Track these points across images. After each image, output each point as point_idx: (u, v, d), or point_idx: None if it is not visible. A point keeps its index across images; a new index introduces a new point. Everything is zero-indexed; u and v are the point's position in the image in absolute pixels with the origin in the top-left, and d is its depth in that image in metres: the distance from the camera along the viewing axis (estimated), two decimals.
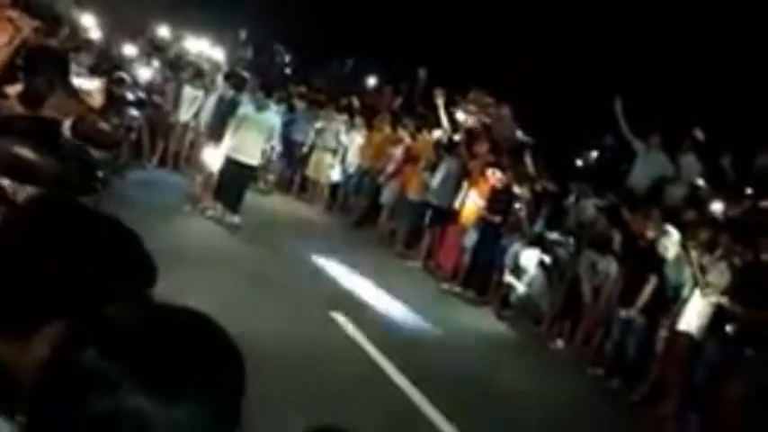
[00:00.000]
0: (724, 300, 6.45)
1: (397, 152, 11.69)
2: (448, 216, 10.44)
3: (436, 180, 10.51)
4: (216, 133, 10.16)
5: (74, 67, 8.61)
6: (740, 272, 6.44)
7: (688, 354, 6.70)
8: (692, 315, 6.74)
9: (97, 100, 9.20)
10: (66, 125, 2.99)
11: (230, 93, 10.39)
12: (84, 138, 3.03)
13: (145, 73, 12.01)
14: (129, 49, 12.30)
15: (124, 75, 10.18)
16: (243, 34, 16.15)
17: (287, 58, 16.51)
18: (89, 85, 8.63)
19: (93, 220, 1.08)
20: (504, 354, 7.69)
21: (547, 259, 8.64)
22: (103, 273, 1.04)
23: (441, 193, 10.44)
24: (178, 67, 12.94)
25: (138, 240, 1.07)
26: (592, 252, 8.04)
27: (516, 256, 8.96)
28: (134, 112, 11.38)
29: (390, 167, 11.72)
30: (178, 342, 0.82)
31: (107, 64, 11.43)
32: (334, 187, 13.03)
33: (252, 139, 9.81)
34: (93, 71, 10.03)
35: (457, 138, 11.05)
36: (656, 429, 6.54)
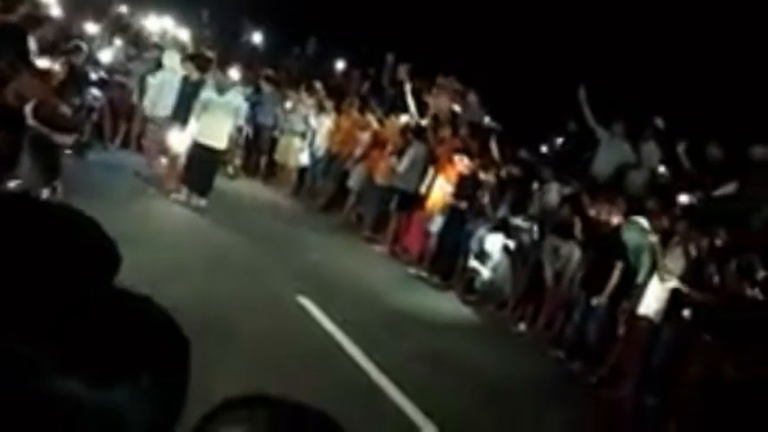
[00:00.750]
0: (681, 285, 6.64)
1: (365, 137, 11.69)
2: (414, 201, 10.51)
3: (403, 165, 10.55)
4: (181, 116, 10.02)
5: (32, 45, 8.44)
6: (695, 258, 6.63)
7: (646, 337, 6.89)
8: (651, 299, 6.92)
9: (58, 78, 9.02)
10: (28, 109, 2.95)
11: (195, 75, 10.24)
12: (44, 122, 2.98)
13: (106, 54, 11.76)
14: (92, 28, 12.01)
15: (81, 43, 9.94)
16: (205, 15, 15.87)
17: (255, 38, 16.25)
18: (49, 63, 8.45)
19: (45, 211, 1.04)
20: (468, 336, 7.80)
21: (511, 244, 8.77)
22: (58, 266, 1.01)
23: (407, 178, 10.49)
24: (143, 47, 12.71)
25: (96, 229, 1.04)
26: (554, 237, 8.19)
27: (481, 241, 9.07)
28: (96, 92, 11.17)
29: (358, 152, 11.72)
30: (115, 324, 0.80)
31: (67, 42, 11.18)
32: (302, 171, 12.98)
33: (217, 122, 9.74)
34: (53, 49, 9.81)
35: (424, 123, 11.09)
36: (614, 410, 6.71)
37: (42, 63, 8.16)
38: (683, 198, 8.15)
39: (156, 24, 14.25)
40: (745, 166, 8.11)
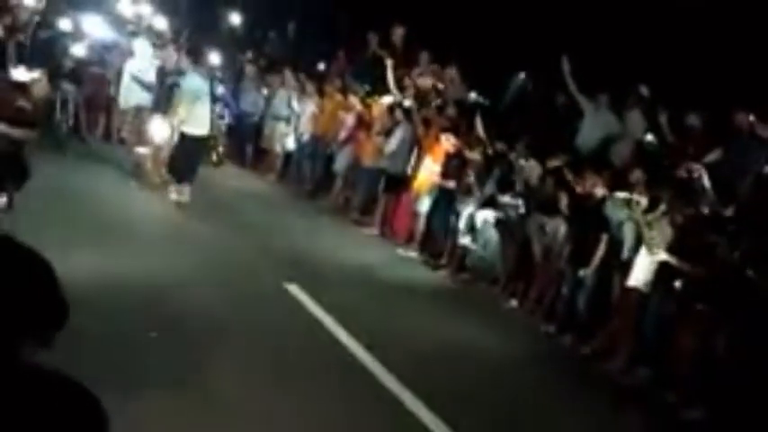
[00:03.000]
0: (669, 256, 6.60)
1: (349, 119, 11.56)
2: (402, 182, 10.42)
3: (391, 146, 10.44)
4: (159, 106, 9.86)
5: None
6: (681, 227, 6.59)
7: (637, 309, 6.87)
8: (640, 271, 6.89)
9: (44, 88, 8.86)
10: None
11: (173, 64, 10.03)
12: (4, 118, 2.88)
13: (79, 48, 11.53)
14: (65, 23, 11.78)
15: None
16: (183, 1, 15.62)
17: (234, 21, 16.01)
18: (30, 75, 8.29)
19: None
20: (460, 315, 7.77)
21: (501, 218, 8.71)
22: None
23: (395, 159, 10.39)
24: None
25: (48, 278, 0.97)
26: (539, 215, 8.15)
27: (471, 219, 9.01)
28: (68, 86, 11.03)
29: (342, 134, 11.60)
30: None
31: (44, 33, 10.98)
32: (288, 156, 12.86)
33: (204, 109, 9.62)
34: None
35: (408, 103, 10.96)
36: (606, 382, 6.70)
37: (22, 75, 7.98)
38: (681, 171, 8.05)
39: (130, 11, 13.99)
40: (727, 133, 8.07)
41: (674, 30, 10.48)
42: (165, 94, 9.79)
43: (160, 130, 9.82)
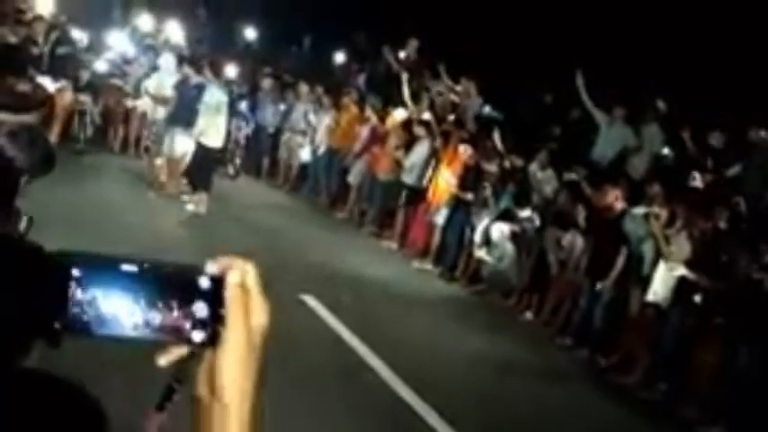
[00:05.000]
0: (688, 272, 6.55)
1: (364, 132, 11.60)
2: (419, 195, 10.42)
3: (411, 160, 10.44)
4: (182, 119, 9.96)
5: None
6: (699, 241, 6.55)
7: (655, 323, 6.82)
8: (659, 285, 6.85)
9: (67, 98, 9.01)
10: None
11: (194, 78, 10.13)
12: (2, 107, 2.84)
13: (102, 64, 11.76)
14: (83, 38, 12.01)
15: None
16: (202, 14, 15.77)
17: (250, 35, 16.14)
18: (54, 85, 8.44)
19: None
20: (476, 327, 7.74)
21: (517, 230, 8.69)
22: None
23: (415, 173, 10.39)
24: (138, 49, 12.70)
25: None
26: (555, 229, 8.13)
27: (486, 231, 9.00)
28: (85, 98, 11.23)
29: (357, 147, 11.63)
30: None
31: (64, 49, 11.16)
32: (304, 168, 12.93)
33: (221, 121, 9.81)
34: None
35: (426, 116, 10.99)
36: (623, 396, 6.65)
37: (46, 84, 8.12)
38: (696, 180, 8.05)
39: (149, 24, 14.17)
40: (745, 148, 8.05)
41: (690, 44, 10.46)
42: (187, 108, 9.90)
43: (182, 142, 9.94)
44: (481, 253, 9.03)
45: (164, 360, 0.79)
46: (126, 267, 0.76)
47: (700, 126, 8.66)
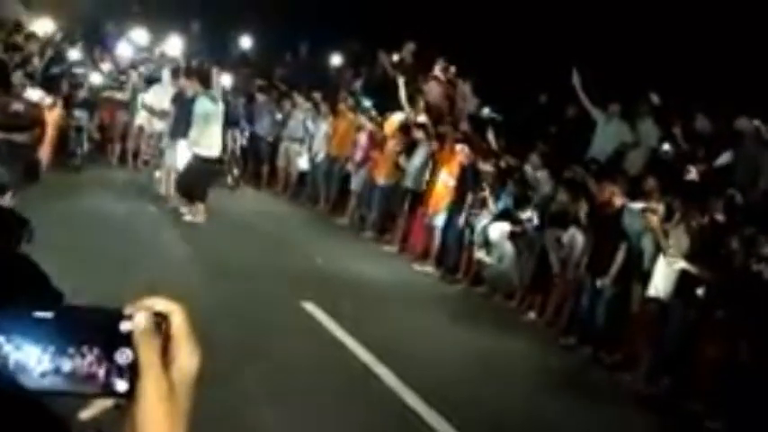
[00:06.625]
0: (688, 264, 6.56)
1: (362, 138, 11.61)
2: (420, 198, 10.42)
3: (413, 164, 10.44)
4: (179, 131, 10.00)
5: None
6: (697, 235, 6.55)
7: (657, 318, 6.83)
8: (659, 280, 6.86)
9: (56, 115, 9.05)
10: None
11: (189, 90, 10.16)
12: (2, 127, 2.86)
13: (96, 77, 11.81)
14: (75, 54, 12.07)
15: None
16: (195, 26, 15.78)
17: (245, 44, 16.14)
18: (41, 95, 8.48)
19: None
20: (479, 329, 7.74)
21: (516, 231, 8.70)
22: None
23: (417, 177, 10.39)
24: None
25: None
26: (554, 228, 8.14)
27: (485, 232, 9.01)
28: (81, 113, 11.29)
29: (359, 155, 11.62)
30: None
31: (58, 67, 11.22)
32: (302, 176, 12.94)
33: (215, 131, 9.80)
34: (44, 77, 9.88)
35: (422, 119, 10.99)
36: (628, 392, 6.65)
37: (36, 95, 8.18)
38: (692, 173, 8.06)
39: (143, 38, 14.21)
40: (733, 136, 8.05)
41: (682, 36, 10.47)
42: (185, 120, 9.94)
43: (182, 155, 9.98)
44: (481, 254, 9.04)
45: (85, 414, 0.72)
46: (39, 314, 0.71)
47: (688, 116, 8.67)
